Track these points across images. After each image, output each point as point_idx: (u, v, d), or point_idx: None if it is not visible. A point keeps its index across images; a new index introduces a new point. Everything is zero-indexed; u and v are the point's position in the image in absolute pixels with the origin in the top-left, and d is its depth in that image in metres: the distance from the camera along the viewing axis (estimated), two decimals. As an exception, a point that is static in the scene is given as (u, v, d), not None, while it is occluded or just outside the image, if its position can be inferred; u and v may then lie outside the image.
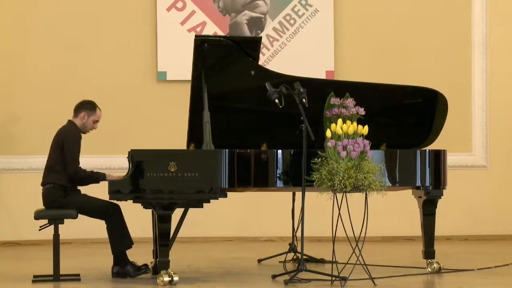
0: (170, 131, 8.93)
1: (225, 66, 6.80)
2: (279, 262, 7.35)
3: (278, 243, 9.07)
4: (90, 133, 9.50)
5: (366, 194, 6.20)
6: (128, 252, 6.74)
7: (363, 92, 6.75)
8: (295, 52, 9.83)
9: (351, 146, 6.15)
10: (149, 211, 6.63)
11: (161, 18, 9.71)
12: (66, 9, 9.61)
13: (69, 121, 6.87)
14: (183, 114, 6.91)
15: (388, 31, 9.94)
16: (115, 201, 6.49)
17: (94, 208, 6.70)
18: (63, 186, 6.68)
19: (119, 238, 6.67)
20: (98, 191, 6.73)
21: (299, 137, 6.22)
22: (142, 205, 6.42)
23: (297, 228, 7.30)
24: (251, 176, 6.39)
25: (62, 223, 6.61)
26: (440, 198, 6.89)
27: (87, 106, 6.86)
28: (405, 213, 8.85)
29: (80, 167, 6.69)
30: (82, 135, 6.84)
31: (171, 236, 6.35)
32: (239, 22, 9.85)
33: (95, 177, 6.68)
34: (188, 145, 6.80)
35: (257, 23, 9.88)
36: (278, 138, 6.90)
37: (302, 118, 6.22)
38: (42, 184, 6.75)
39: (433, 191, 6.83)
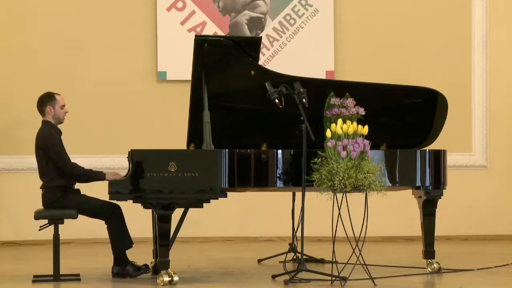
0: (170, 131, 8.93)
1: (225, 66, 6.80)
2: (279, 262, 7.35)
3: (278, 243, 9.07)
4: (90, 134, 9.54)
5: (366, 194, 6.20)
6: (128, 252, 6.74)
7: (363, 92, 6.74)
8: (295, 52, 9.83)
9: (351, 146, 6.15)
10: (149, 211, 6.63)
11: (161, 18, 9.71)
12: (66, 9, 9.61)
13: (43, 121, 6.85)
14: (183, 114, 6.91)
15: (388, 31, 9.94)
16: (115, 201, 6.49)
17: (94, 209, 6.69)
18: (62, 186, 6.68)
19: (119, 238, 6.66)
20: (98, 191, 6.73)
21: (299, 137, 6.22)
22: (142, 205, 6.42)
23: (297, 228, 7.30)
24: (251, 176, 6.39)
25: (62, 223, 6.61)
26: (440, 198, 6.89)
27: (46, 100, 6.83)
28: (405, 213, 8.86)
29: (75, 164, 6.68)
30: (65, 126, 6.83)
31: (171, 236, 6.35)
32: (239, 22, 9.85)
33: (91, 175, 6.67)
34: (188, 145, 6.80)
35: (257, 23, 9.88)
36: (278, 138, 6.90)
37: (302, 118, 6.23)
38: (41, 188, 6.75)
39: (433, 191, 6.83)
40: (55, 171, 6.66)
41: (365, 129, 6.27)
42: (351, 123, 6.25)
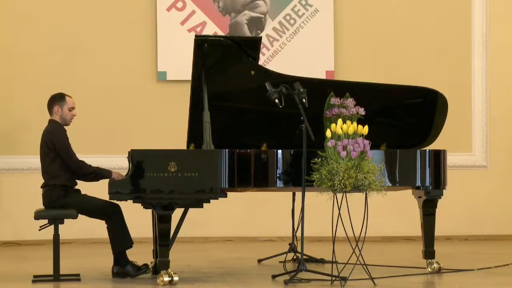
0: (170, 131, 8.93)
1: (225, 66, 6.80)
2: (279, 262, 7.35)
3: (278, 243, 9.07)
4: (90, 134, 9.53)
5: (366, 194, 6.20)
6: (128, 252, 6.74)
7: (363, 92, 6.75)
8: (295, 52, 9.83)
9: (351, 146, 6.15)
10: (149, 211, 6.63)
11: (161, 18, 9.71)
12: (66, 9, 9.61)
13: (50, 120, 6.87)
14: (183, 114, 6.91)
15: (388, 31, 9.95)
16: (115, 201, 6.49)
17: (94, 208, 6.70)
18: (63, 185, 6.68)
19: (119, 238, 6.67)
20: (98, 191, 6.73)
21: (299, 137, 6.22)
22: (142, 205, 6.43)
23: (297, 228, 7.30)
24: (251, 176, 6.39)
25: (62, 223, 6.62)
26: (440, 198, 6.89)
27: (56, 99, 6.85)
28: (405, 213, 8.85)
29: (83, 162, 6.69)
30: (67, 128, 6.83)
31: (171, 236, 6.35)
32: (239, 22, 9.85)
33: (98, 173, 6.69)
34: (188, 145, 6.80)
35: (257, 23, 9.88)
36: (278, 138, 6.90)
37: (302, 118, 6.23)
38: (42, 186, 6.76)
39: (433, 191, 6.83)
40: (58, 169, 6.67)
41: (365, 129, 6.28)
42: (351, 123, 6.25)
